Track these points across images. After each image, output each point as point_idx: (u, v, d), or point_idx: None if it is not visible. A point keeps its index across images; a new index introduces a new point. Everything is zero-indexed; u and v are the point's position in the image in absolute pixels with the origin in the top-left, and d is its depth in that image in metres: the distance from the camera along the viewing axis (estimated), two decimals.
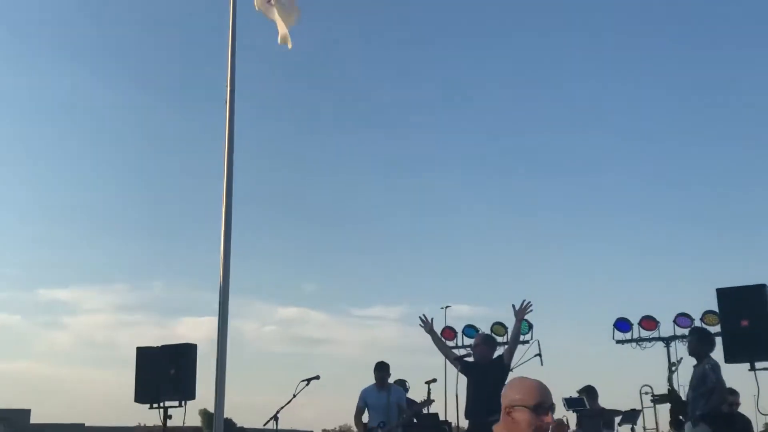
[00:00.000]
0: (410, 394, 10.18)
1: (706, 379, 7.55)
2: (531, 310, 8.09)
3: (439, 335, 9.00)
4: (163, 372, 9.61)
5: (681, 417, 7.66)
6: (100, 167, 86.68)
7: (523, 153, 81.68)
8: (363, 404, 9.39)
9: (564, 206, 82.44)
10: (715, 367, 7.93)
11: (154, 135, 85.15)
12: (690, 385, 7.57)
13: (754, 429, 8.66)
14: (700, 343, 7.78)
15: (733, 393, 8.72)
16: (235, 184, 11.68)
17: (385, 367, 9.42)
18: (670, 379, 8.11)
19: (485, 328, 13.25)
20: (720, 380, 7.66)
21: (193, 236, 76.52)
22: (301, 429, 65.34)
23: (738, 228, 76.81)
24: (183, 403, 9.60)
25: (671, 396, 7.72)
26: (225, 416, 8.58)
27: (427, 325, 8.47)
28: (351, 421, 9.75)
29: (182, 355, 9.68)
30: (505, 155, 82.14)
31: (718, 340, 8.45)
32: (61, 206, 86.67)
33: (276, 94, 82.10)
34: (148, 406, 9.80)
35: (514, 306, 8.12)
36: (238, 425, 60.00)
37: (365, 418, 9.42)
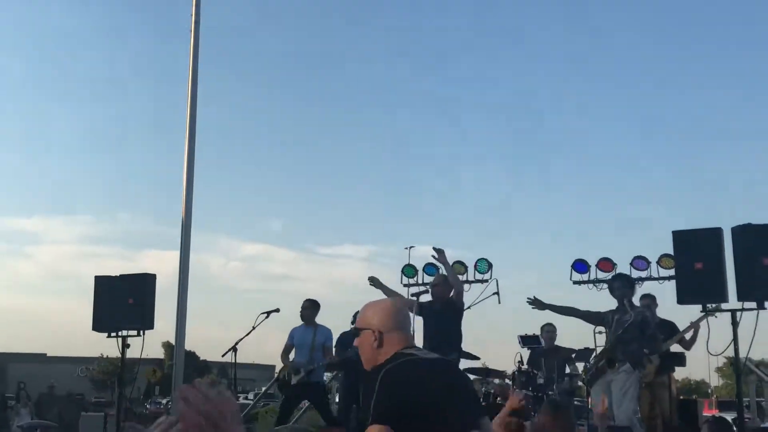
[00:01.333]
0: None
1: (647, 326, 7.79)
2: (441, 252, 8.55)
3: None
4: (122, 301, 9.55)
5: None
6: (66, 96, 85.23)
7: (489, 97, 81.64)
8: (290, 342, 9.46)
9: (525, 149, 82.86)
10: (654, 315, 8.28)
11: (120, 65, 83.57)
12: (624, 328, 7.70)
13: (707, 367, 8.99)
14: (629, 288, 8.11)
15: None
16: (199, 116, 11.59)
17: (312, 304, 9.44)
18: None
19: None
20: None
21: (160, 169, 75.81)
22: (264, 363, 65.95)
23: (699, 172, 77.94)
24: (141, 332, 9.57)
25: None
26: (188, 349, 8.60)
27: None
28: None
29: (141, 285, 9.62)
30: (471, 100, 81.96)
31: (673, 282, 8.66)
32: (25, 135, 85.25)
33: (243, 26, 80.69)
34: (106, 335, 9.77)
35: (433, 256, 8.65)
36: (202, 359, 60.39)
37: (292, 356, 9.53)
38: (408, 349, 3.27)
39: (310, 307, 9.40)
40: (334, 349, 9.70)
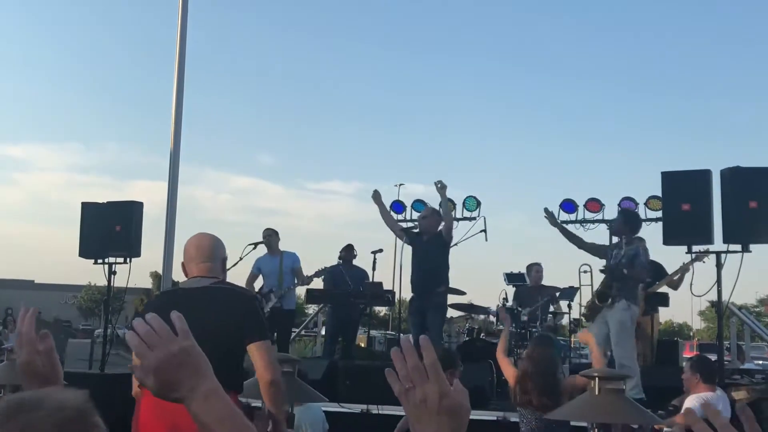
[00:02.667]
0: (356, 262, 10.31)
1: (636, 258, 7.66)
2: (444, 186, 8.65)
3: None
4: (109, 228, 9.50)
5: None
6: (56, 26, 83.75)
7: (482, 37, 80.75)
8: (256, 271, 9.59)
9: (517, 90, 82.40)
10: (647, 251, 8.20)
11: None
12: (620, 262, 7.64)
13: (690, 310, 9.02)
14: (621, 224, 8.05)
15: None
16: (189, 47, 11.36)
17: (275, 232, 9.52)
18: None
19: (435, 205, 13.32)
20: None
21: (149, 99, 75.00)
22: None
23: (690, 114, 77.90)
24: (128, 260, 9.56)
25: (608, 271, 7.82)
26: (176, 279, 8.60)
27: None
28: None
29: (128, 212, 9.56)
30: (462, 36, 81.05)
31: (660, 225, 8.62)
32: (15, 62, 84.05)
33: None
34: (92, 261, 9.74)
35: (436, 184, 8.65)
36: None
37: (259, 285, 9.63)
38: (192, 280, 3.49)
39: (274, 235, 9.48)
40: (322, 281, 9.87)
